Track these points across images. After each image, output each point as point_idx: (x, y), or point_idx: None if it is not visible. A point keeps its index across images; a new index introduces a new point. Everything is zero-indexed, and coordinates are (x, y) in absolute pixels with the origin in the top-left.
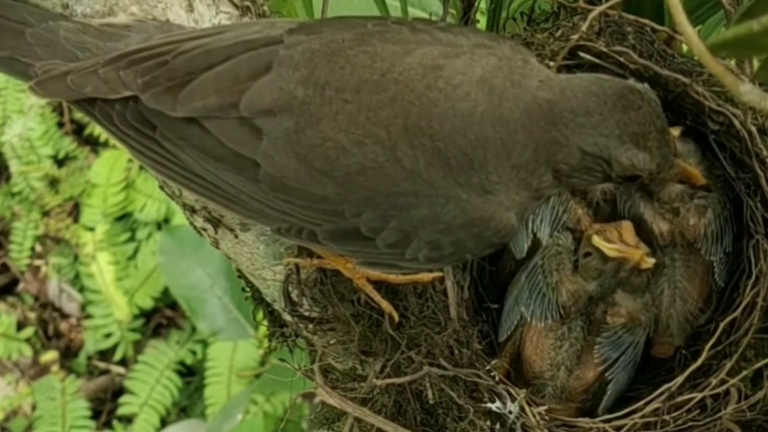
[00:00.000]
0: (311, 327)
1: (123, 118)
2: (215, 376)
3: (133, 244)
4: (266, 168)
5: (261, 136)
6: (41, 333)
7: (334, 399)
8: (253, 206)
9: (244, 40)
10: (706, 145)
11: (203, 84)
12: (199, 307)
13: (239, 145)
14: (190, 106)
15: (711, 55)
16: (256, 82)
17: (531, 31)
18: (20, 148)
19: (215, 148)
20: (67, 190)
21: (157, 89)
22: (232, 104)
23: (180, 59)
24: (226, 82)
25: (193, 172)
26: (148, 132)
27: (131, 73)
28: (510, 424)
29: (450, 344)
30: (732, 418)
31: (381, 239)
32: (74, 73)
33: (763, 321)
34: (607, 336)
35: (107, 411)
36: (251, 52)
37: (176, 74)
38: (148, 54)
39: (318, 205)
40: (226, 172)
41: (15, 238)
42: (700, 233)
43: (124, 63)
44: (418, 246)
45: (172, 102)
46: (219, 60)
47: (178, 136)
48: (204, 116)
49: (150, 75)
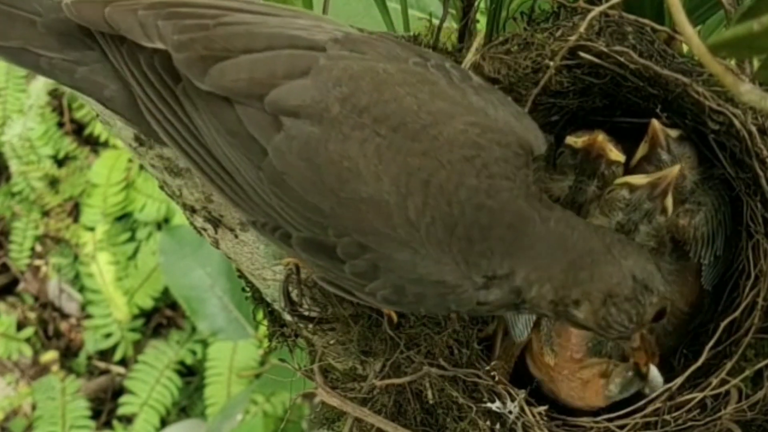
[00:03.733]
0: (311, 327)
1: (151, 63)
2: (215, 376)
3: (133, 244)
4: (273, 159)
5: (280, 129)
6: (41, 333)
7: (334, 399)
8: (244, 190)
9: (289, 34)
10: (706, 145)
11: (239, 66)
12: (199, 307)
13: (257, 128)
14: (219, 83)
15: (711, 55)
16: (289, 82)
17: (531, 31)
18: (20, 148)
19: (233, 123)
20: (67, 190)
21: (191, 54)
22: (259, 96)
23: (221, 30)
24: (261, 72)
25: (198, 139)
26: (170, 83)
27: (170, 25)
28: (510, 424)
29: (450, 344)
30: (732, 417)
31: (351, 265)
32: (114, 5)
33: (763, 321)
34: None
35: (107, 411)
36: (293, 50)
37: (214, 45)
38: (191, 11)
39: (307, 212)
40: (234, 148)
41: (15, 238)
42: (689, 235)
43: (165, 13)
44: (383, 284)
45: (201, 73)
46: (260, 47)
47: (201, 98)
48: (229, 97)
49: (188, 35)
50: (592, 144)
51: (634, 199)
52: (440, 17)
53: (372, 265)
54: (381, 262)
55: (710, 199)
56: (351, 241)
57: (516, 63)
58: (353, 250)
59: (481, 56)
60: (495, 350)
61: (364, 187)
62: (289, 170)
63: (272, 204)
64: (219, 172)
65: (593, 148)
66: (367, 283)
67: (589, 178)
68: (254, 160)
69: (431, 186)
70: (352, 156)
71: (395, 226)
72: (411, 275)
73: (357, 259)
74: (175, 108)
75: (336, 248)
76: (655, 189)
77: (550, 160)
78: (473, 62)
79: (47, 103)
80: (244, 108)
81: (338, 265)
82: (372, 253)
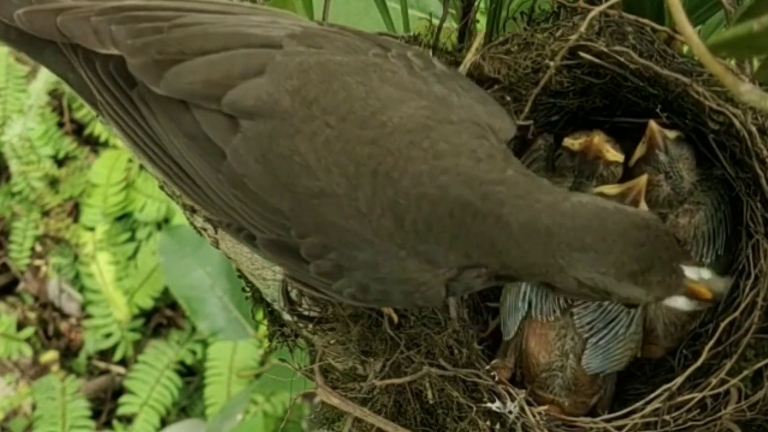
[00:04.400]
0: (311, 327)
1: (106, 69)
2: (215, 376)
3: (133, 244)
4: (232, 162)
5: (237, 131)
6: (41, 333)
7: (335, 399)
8: (205, 193)
9: (245, 32)
10: (706, 146)
11: (194, 68)
12: (199, 307)
13: (214, 131)
14: (174, 86)
15: (711, 55)
16: (245, 82)
17: (531, 31)
18: (20, 148)
19: (190, 126)
20: (67, 190)
21: (146, 59)
22: (216, 97)
23: (176, 32)
24: (216, 73)
25: (157, 143)
26: (125, 88)
27: (124, 30)
28: (510, 424)
29: (450, 344)
30: (732, 417)
31: (315, 265)
32: (66, 14)
33: (763, 321)
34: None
35: (107, 411)
36: (249, 50)
37: (169, 49)
38: (145, 15)
39: (269, 214)
40: (192, 152)
41: (15, 238)
42: (690, 234)
43: (119, 17)
44: (348, 283)
45: (156, 77)
46: (215, 48)
47: (157, 102)
48: (186, 100)
49: (142, 40)
50: (588, 146)
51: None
52: (440, 17)
53: (336, 265)
54: (344, 262)
55: (710, 198)
56: (314, 242)
57: (516, 63)
58: (317, 251)
59: (481, 56)
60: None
61: (315, 181)
62: (247, 172)
63: (234, 206)
64: (180, 176)
65: (590, 150)
66: (333, 282)
67: (588, 179)
68: (213, 163)
69: (379, 175)
70: (302, 150)
71: (347, 218)
72: (374, 275)
73: (321, 260)
74: (132, 113)
75: (299, 250)
76: (625, 198)
77: (550, 161)
78: (473, 62)
79: (47, 103)
80: (201, 111)
81: (303, 265)
82: (335, 252)
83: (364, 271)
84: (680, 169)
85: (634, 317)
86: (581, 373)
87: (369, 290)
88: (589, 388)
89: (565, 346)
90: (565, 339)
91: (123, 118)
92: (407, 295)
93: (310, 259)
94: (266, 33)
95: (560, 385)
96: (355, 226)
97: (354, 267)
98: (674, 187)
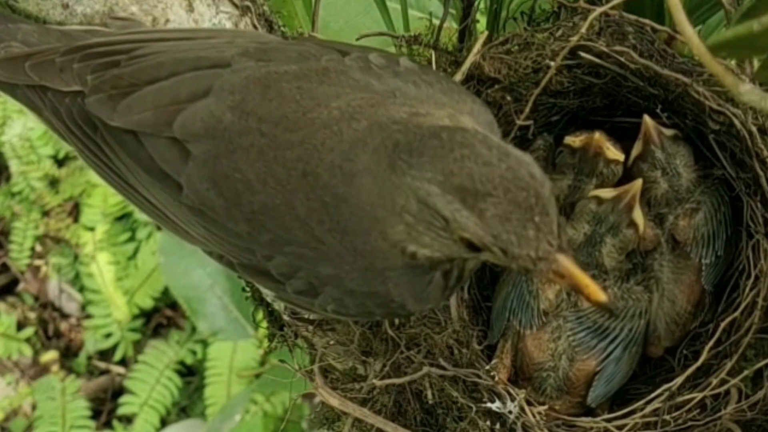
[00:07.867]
0: (311, 327)
1: (70, 113)
2: (215, 376)
3: (133, 244)
4: (188, 192)
5: (188, 159)
6: (41, 333)
7: (335, 399)
8: (176, 224)
9: (196, 56)
10: (706, 145)
11: (143, 98)
12: (199, 307)
13: (167, 164)
14: (126, 118)
15: (711, 55)
16: (192, 104)
17: (531, 31)
18: (20, 148)
19: (146, 160)
20: (67, 190)
21: (101, 95)
22: (167, 123)
23: (130, 67)
24: (165, 99)
25: (125, 180)
26: (89, 132)
27: (85, 67)
28: (510, 424)
29: (450, 344)
30: (732, 417)
31: (290, 285)
32: (33, 59)
33: (763, 321)
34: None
35: (107, 411)
36: (197, 72)
37: (121, 82)
38: (105, 50)
39: (233, 239)
40: (154, 187)
41: (15, 238)
42: (690, 236)
43: (81, 55)
44: (326, 300)
45: (110, 111)
46: (164, 75)
47: (116, 142)
48: (139, 131)
49: (99, 77)
50: (589, 142)
51: (600, 212)
52: (440, 17)
53: (307, 283)
54: (312, 279)
55: (710, 198)
56: (280, 262)
57: (516, 63)
58: (285, 271)
59: (481, 56)
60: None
61: (256, 196)
62: (203, 200)
63: (204, 235)
64: (154, 211)
65: (591, 147)
66: (313, 300)
67: (588, 176)
68: (174, 196)
69: (308, 176)
70: (241, 166)
71: (291, 228)
72: (342, 288)
73: (292, 279)
74: (99, 154)
75: (270, 272)
76: (619, 203)
77: (550, 159)
78: (473, 62)
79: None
80: (153, 141)
81: (281, 286)
82: (302, 270)
83: (332, 286)
84: (677, 165)
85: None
86: (573, 374)
87: (346, 305)
88: (582, 388)
89: (558, 347)
90: (559, 341)
91: (92, 159)
92: (385, 307)
93: (283, 279)
94: (218, 54)
95: (552, 386)
96: (300, 236)
97: (323, 282)
98: (672, 184)
